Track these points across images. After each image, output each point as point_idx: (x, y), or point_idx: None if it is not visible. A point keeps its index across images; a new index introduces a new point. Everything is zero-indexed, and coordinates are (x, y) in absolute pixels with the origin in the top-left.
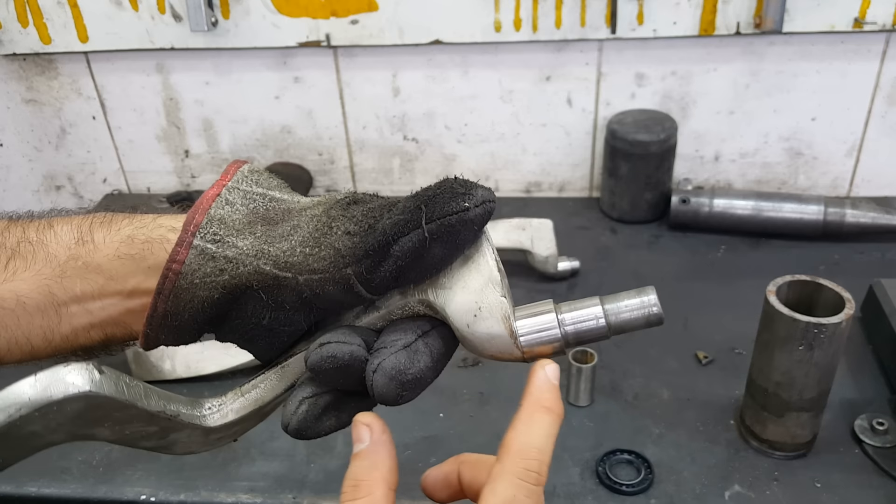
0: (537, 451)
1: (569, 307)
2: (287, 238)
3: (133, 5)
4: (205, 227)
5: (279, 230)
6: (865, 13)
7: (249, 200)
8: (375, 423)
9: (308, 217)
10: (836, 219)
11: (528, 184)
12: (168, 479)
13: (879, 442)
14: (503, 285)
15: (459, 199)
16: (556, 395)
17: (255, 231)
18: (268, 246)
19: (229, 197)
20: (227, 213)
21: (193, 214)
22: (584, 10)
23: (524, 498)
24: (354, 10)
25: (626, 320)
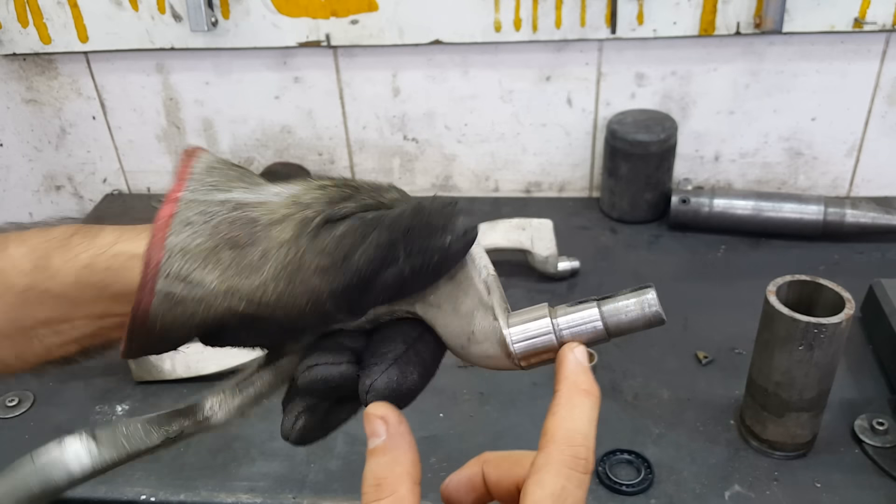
0: (583, 437)
1: (564, 311)
2: (257, 270)
3: (133, 5)
4: (166, 265)
5: (247, 257)
6: (865, 13)
7: (210, 215)
8: (391, 415)
9: (277, 243)
10: (836, 219)
11: (527, 184)
12: (168, 479)
13: (879, 442)
14: (494, 300)
15: (439, 234)
16: (590, 376)
17: (221, 258)
18: (238, 279)
19: (188, 214)
20: (189, 238)
21: (151, 251)
22: (584, 10)
23: (575, 488)
24: (354, 10)
25: (625, 322)
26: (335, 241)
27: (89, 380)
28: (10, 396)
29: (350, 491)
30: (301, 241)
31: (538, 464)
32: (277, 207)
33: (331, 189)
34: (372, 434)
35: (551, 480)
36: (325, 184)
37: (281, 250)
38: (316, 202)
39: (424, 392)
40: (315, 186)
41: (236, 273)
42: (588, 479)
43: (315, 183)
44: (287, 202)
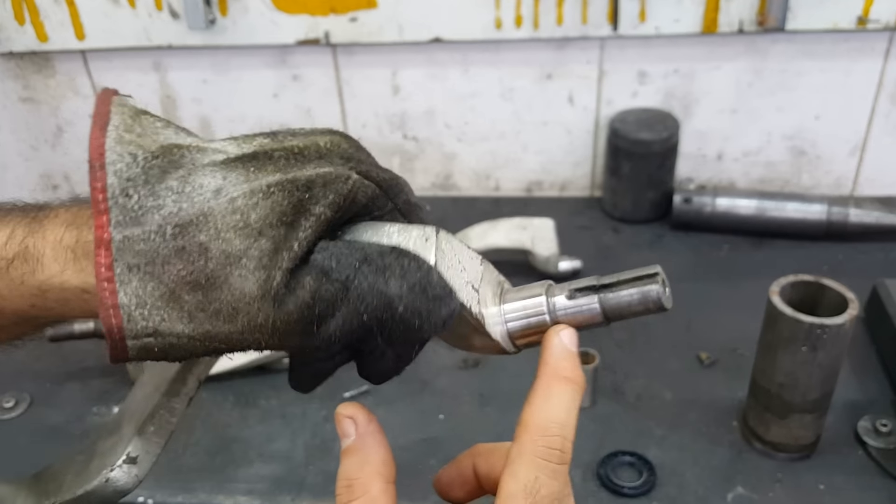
0: (558, 427)
1: (561, 291)
2: (230, 320)
3: (130, 3)
4: (129, 328)
5: (213, 303)
6: (869, 11)
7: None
8: (359, 414)
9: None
10: (839, 218)
11: (529, 183)
12: (166, 481)
13: (883, 443)
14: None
15: (416, 333)
16: (574, 363)
17: (184, 302)
18: (212, 325)
19: (127, 259)
20: (138, 286)
21: (107, 318)
22: (585, 8)
23: (548, 479)
24: (354, 8)
25: (626, 310)
26: (302, 311)
27: (86, 381)
28: (6, 398)
29: None
30: (267, 307)
31: (512, 455)
32: (224, 228)
33: (275, 195)
34: (342, 435)
35: (524, 472)
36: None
37: (251, 308)
38: (266, 225)
39: (424, 393)
40: (256, 190)
41: (207, 319)
42: (564, 470)
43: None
44: (234, 222)
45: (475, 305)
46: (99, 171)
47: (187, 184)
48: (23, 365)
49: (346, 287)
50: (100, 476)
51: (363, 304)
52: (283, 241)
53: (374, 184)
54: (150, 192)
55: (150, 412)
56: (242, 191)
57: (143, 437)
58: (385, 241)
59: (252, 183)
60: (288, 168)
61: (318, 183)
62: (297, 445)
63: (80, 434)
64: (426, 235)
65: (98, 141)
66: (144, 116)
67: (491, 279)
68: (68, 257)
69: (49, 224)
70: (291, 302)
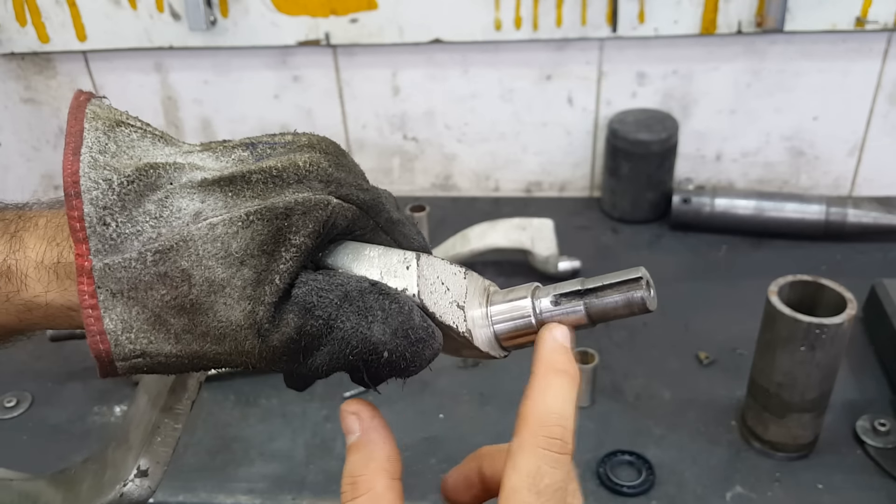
0: (557, 417)
1: (546, 293)
2: (218, 341)
3: (132, 4)
4: (117, 351)
5: (200, 327)
6: (867, 12)
7: (135, 280)
8: (363, 410)
9: (231, 327)
10: (837, 219)
11: (528, 183)
12: (166, 480)
13: (881, 443)
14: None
15: (401, 372)
16: (569, 356)
17: (171, 325)
18: (199, 346)
19: (110, 286)
20: (124, 312)
21: (95, 344)
22: (584, 9)
23: (550, 469)
24: (354, 9)
25: (610, 312)
26: (288, 345)
27: (87, 381)
28: (8, 397)
29: None
30: (253, 337)
31: (513, 448)
32: (206, 255)
33: (255, 224)
34: (347, 431)
35: (525, 462)
36: (245, 216)
37: (238, 335)
38: (247, 255)
39: (425, 393)
40: (236, 219)
41: (195, 341)
42: (567, 460)
43: (228, 199)
44: (216, 251)
45: (462, 324)
46: (75, 200)
47: (165, 207)
48: (24, 365)
49: (329, 326)
50: (114, 491)
51: (348, 347)
52: (265, 269)
53: (354, 205)
54: (127, 218)
55: (156, 422)
56: (222, 218)
57: (152, 449)
58: (366, 265)
59: (231, 211)
60: (266, 193)
61: (297, 211)
62: (297, 444)
63: (80, 433)
64: (407, 262)
65: (72, 167)
66: (119, 129)
67: (476, 288)
68: (51, 278)
69: (29, 239)
70: (276, 338)
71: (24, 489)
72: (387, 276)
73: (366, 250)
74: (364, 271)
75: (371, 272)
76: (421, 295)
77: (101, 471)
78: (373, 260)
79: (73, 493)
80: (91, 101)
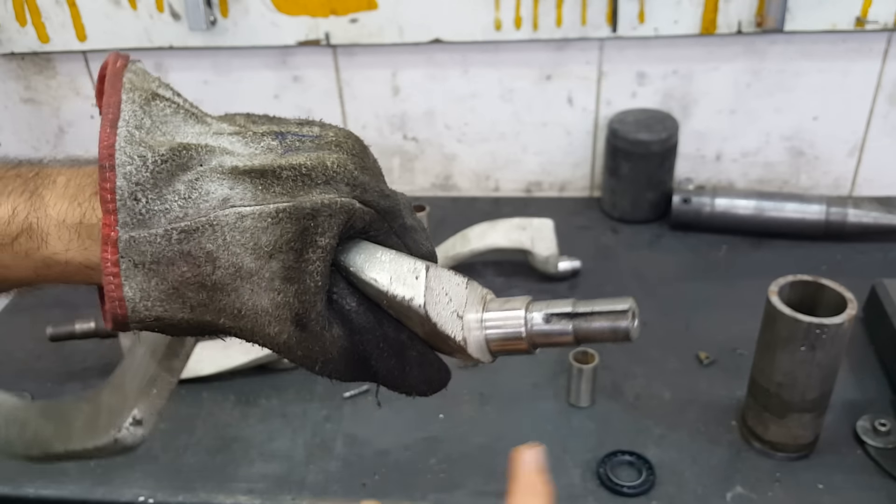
0: None
1: (540, 308)
2: (232, 319)
3: (131, 4)
4: (133, 315)
5: (216, 303)
6: (867, 12)
7: (158, 254)
8: None
9: (255, 312)
10: (838, 219)
11: (528, 183)
12: (166, 480)
13: (881, 443)
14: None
15: (410, 390)
16: (542, 477)
17: (187, 298)
18: (212, 319)
19: (133, 256)
20: (143, 281)
21: (111, 309)
22: (584, 9)
23: None
24: (354, 9)
25: (596, 338)
26: (316, 355)
27: (87, 381)
28: None
29: (348, 492)
30: (281, 325)
31: None
32: (233, 243)
33: (283, 222)
34: None
35: None
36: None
37: (260, 319)
38: (276, 250)
39: None
40: (265, 214)
41: (208, 313)
42: None
43: (257, 191)
44: (244, 241)
45: (459, 333)
46: (109, 173)
47: (194, 189)
48: (24, 364)
49: (365, 359)
50: (108, 436)
51: (378, 379)
52: (293, 266)
53: (374, 210)
54: (157, 195)
55: (152, 375)
56: (252, 210)
57: (147, 400)
58: (377, 269)
59: (261, 205)
60: (294, 191)
61: (323, 213)
62: (297, 444)
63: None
64: (416, 272)
65: (108, 140)
66: (154, 102)
67: (475, 297)
68: (72, 236)
69: (49, 198)
70: (313, 341)
71: (11, 413)
72: (396, 282)
73: (378, 253)
74: (375, 274)
75: (381, 276)
76: (427, 306)
77: (96, 413)
78: (384, 265)
79: (65, 428)
80: (128, 68)
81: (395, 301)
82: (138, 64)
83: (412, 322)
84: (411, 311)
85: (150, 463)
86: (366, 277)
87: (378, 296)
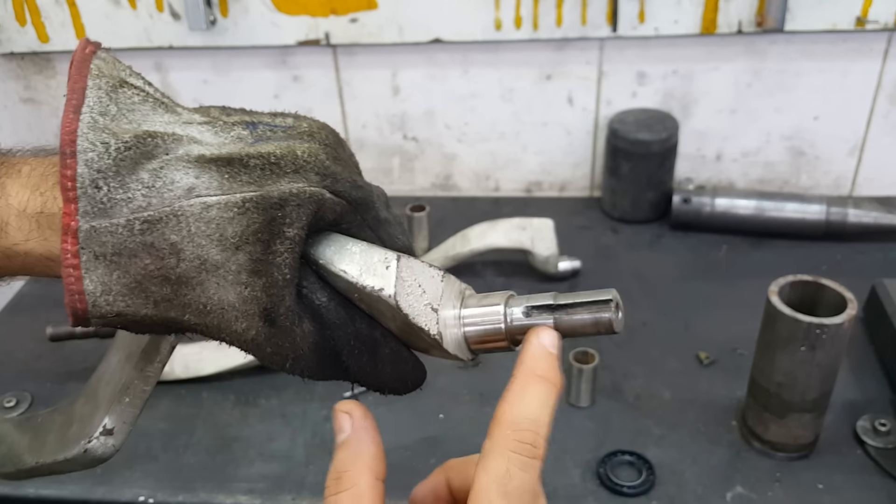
0: (530, 422)
1: (520, 302)
2: (197, 314)
3: (131, 4)
4: (94, 311)
5: (180, 297)
6: (867, 12)
7: (120, 245)
8: (356, 410)
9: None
10: (838, 218)
11: (528, 183)
12: (166, 480)
13: (881, 443)
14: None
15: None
16: (552, 363)
17: (149, 292)
18: (176, 315)
19: (94, 248)
20: (104, 274)
21: (72, 302)
22: (585, 9)
23: (519, 471)
24: (354, 9)
25: (579, 331)
26: (286, 351)
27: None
28: (7, 397)
29: None
30: (248, 321)
31: (485, 449)
32: (198, 234)
33: (250, 212)
34: (338, 429)
35: (494, 464)
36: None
37: (227, 315)
38: (243, 241)
39: (424, 392)
40: (232, 204)
41: (173, 309)
42: (537, 465)
43: (224, 180)
44: (210, 232)
45: (433, 327)
46: (69, 159)
47: (158, 178)
48: (24, 364)
49: (337, 355)
50: (78, 446)
51: (350, 376)
52: (261, 258)
53: (345, 201)
54: (119, 183)
55: (125, 382)
56: (217, 200)
57: (119, 408)
58: (347, 260)
59: (227, 194)
60: (262, 180)
61: (291, 202)
62: (297, 444)
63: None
64: (387, 262)
65: (70, 126)
66: (122, 90)
67: (452, 291)
68: (32, 227)
69: (12, 187)
70: (283, 337)
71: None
72: (366, 273)
73: (349, 245)
74: (345, 266)
75: (351, 267)
76: (397, 296)
77: (68, 424)
78: (354, 256)
79: (38, 440)
80: (96, 55)
81: (366, 293)
82: (109, 52)
83: (385, 317)
84: (382, 303)
85: (150, 463)
86: (335, 269)
87: (349, 289)
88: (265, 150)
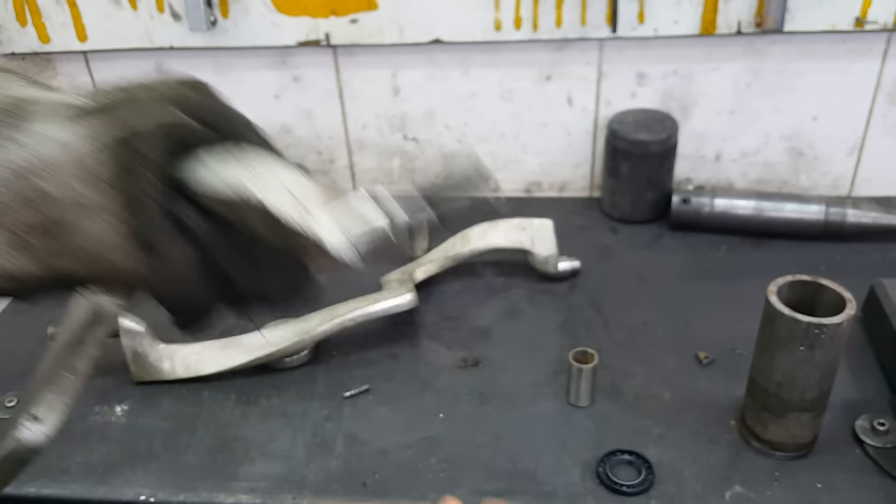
0: None
1: None
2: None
3: (132, 4)
4: None
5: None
6: (867, 12)
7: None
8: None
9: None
10: (837, 219)
11: (528, 183)
12: (167, 479)
13: (880, 442)
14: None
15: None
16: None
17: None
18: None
19: None
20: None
21: None
22: (584, 9)
23: None
24: (354, 9)
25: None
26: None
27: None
28: (8, 397)
29: (349, 492)
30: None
31: None
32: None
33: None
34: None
35: None
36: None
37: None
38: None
39: (424, 392)
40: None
41: (59, 261)
42: None
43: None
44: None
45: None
46: None
47: (28, 134)
48: (25, 364)
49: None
50: (10, 439)
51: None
52: (133, 188)
53: (208, 127)
54: None
55: (51, 372)
56: (82, 143)
57: (44, 396)
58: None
59: (91, 136)
60: (122, 115)
61: (153, 131)
62: (298, 444)
63: (81, 433)
64: (250, 169)
65: None
66: (3, 73)
67: (321, 190)
68: None
69: None
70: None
71: None
72: (230, 183)
73: (214, 164)
74: (213, 182)
75: (215, 181)
76: (266, 200)
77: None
78: (218, 171)
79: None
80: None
81: (235, 203)
82: None
83: (260, 226)
84: (251, 209)
85: (151, 462)
86: (202, 189)
87: (218, 204)
88: (133, 95)
